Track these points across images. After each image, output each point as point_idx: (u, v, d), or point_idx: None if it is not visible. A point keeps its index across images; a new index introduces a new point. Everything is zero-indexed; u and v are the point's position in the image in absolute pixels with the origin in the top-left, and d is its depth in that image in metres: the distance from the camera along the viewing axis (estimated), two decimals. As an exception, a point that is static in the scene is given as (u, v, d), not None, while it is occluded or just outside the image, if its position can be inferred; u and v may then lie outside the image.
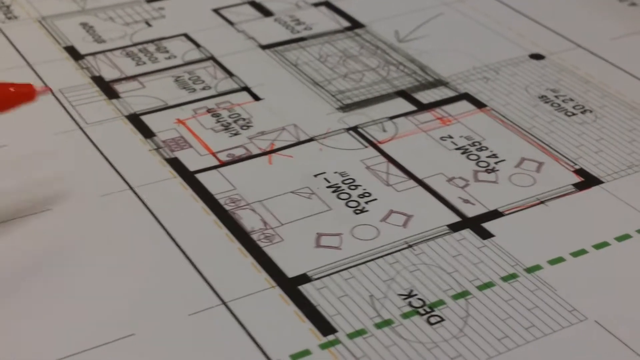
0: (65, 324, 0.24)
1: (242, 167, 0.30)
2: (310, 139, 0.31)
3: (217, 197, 0.28)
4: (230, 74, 0.35)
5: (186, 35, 0.37)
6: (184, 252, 0.26)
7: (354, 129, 0.32)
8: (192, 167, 0.30)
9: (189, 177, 0.29)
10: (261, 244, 0.26)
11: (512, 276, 0.26)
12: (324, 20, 0.39)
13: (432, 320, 0.24)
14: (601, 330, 0.24)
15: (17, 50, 0.36)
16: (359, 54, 0.36)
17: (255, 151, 0.31)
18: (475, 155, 0.31)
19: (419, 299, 0.25)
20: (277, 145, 0.31)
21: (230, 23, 0.38)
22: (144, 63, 0.35)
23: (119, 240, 0.26)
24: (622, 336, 0.24)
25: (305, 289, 0.25)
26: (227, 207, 0.28)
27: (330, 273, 0.25)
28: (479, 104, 0.33)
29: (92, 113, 0.32)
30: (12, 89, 0.27)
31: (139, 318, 0.24)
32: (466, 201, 0.28)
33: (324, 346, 0.23)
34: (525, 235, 0.27)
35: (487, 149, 0.31)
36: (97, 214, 0.27)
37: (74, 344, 0.23)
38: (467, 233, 0.27)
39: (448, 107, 0.33)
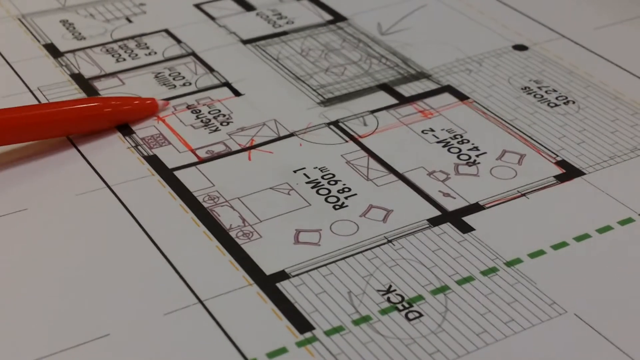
0: (40, 324, 0.23)
1: (221, 164, 0.29)
2: (291, 135, 0.31)
3: (195, 194, 0.28)
4: (210, 69, 0.35)
5: (167, 31, 0.37)
6: (160, 251, 0.26)
7: (335, 123, 0.32)
8: (170, 165, 0.29)
9: (168, 175, 0.29)
10: (239, 241, 0.26)
11: (492, 270, 0.25)
12: (306, 13, 0.39)
13: (411, 315, 0.24)
14: (581, 323, 0.24)
15: (-4, 48, 0.36)
16: (341, 47, 0.36)
17: (235, 147, 0.30)
18: (457, 148, 0.30)
19: (398, 294, 0.24)
20: (257, 141, 0.31)
21: (212, 18, 0.38)
22: (124, 60, 0.35)
23: (95, 240, 0.26)
24: (601, 329, 0.23)
25: (283, 286, 0.25)
26: (205, 205, 0.28)
27: (309, 270, 0.25)
28: (462, 96, 0.33)
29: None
30: (136, 102, 0.31)
31: (114, 318, 0.24)
32: (447, 195, 0.28)
33: (300, 344, 0.23)
34: (506, 228, 0.27)
35: (468, 141, 0.31)
36: (74, 212, 0.27)
37: (48, 344, 0.23)
38: (447, 227, 0.27)
39: (430, 100, 0.33)
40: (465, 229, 0.27)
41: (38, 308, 0.24)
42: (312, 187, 0.28)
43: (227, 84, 0.34)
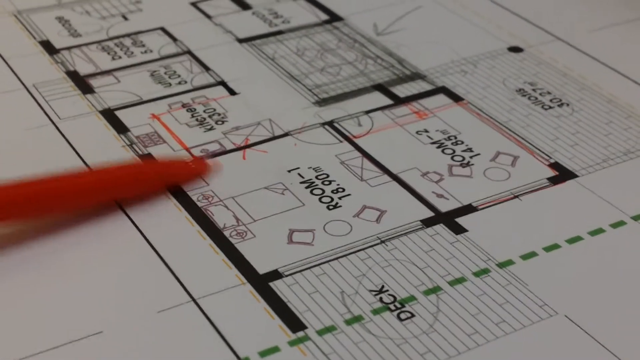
0: (32, 321, 0.23)
1: (215, 163, 0.30)
2: (286, 134, 0.31)
3: (189, 193, 0.28)
4: (206, 68, 0.35)
5: (163, 29, 0.37)
6: (154, 249, 0.26)
7: (330, 123, 0.32)
8: (165, 163, 0.29)
9: (162, 173, 0.29)
10: (233, 241, 0.26)
11: (484, 271, 0.25)
12: (302, 13, 0.39)
13: (403, 316, 0.24)
14: (571, 325, 0.24)
15: (-8, 44, 0.36)
16: (337, 47, 0.36)
17: (230, 146, 0.30)
18: (451, 149, 0.30)
19: (390, 294, 0.25)
20: (252, 140, 0.31)
21: (208, 17, 0.38)
22: (120, 57, 0.35)
23: (88, 237, 0.26)
24: (591, 331, 0.24)
25: (276, 285, 0.25)
26: (199, 204, 0.28)
27: (302, 269, 0.25)
28: (456, 98, 0.33)
29: (66, 108, 0.32)
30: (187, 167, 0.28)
31: (107, 315, 0.24)
32: (440, 196, 0.28)
33: (293, 343, 0.23)
34: (499, 230, 0.27)
35: (462, 142, 0.31)
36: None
37: (41, 341, 0.23)
38: (440, 228, 0.27)
39: (425, 101, 0.33)
40: (458, 230, 0.27)
41: (30, 305, 0.24)
42: (306, 187, 0.29)
43: (222, 83, 0.34)
